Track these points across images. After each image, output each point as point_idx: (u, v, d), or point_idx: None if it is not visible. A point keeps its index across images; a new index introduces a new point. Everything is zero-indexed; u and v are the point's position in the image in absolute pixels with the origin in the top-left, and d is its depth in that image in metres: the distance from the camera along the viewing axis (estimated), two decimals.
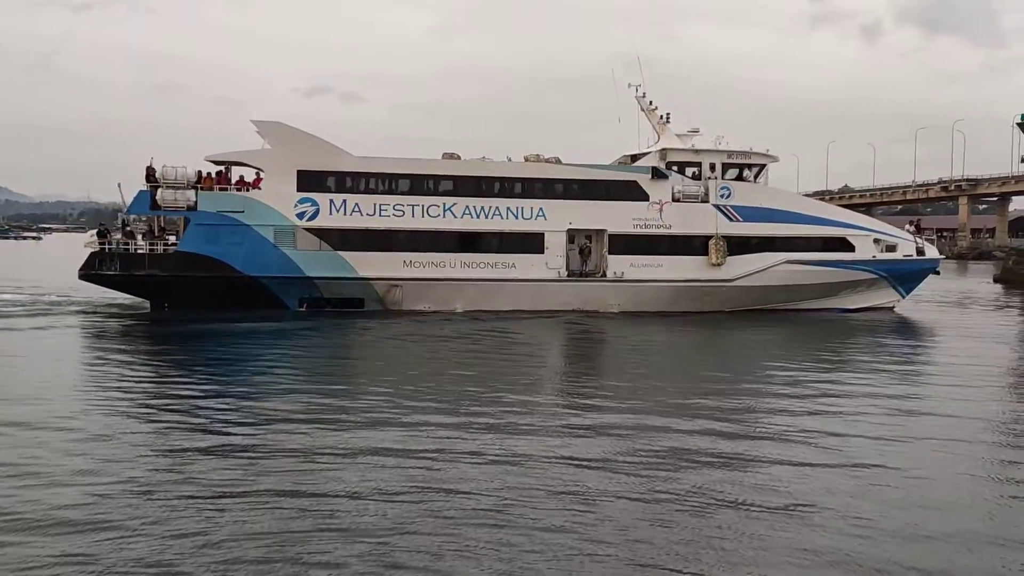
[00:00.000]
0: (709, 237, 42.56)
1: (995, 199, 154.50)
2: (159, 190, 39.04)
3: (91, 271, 39.09)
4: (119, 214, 43.64)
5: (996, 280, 73.31)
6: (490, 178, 41.82)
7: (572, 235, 42.38)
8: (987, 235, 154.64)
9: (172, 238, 40.28)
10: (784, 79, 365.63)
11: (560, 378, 25.78)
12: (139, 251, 39.32)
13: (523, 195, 41.83)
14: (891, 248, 45.03)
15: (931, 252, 47.05)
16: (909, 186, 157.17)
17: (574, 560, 10.88)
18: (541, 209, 41.76)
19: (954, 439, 17.05)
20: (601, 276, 42.34)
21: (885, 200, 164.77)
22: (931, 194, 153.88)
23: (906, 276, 45.84)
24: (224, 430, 17.04)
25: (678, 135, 44.55)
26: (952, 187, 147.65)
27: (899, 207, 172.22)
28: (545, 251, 41.76)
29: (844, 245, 44.10)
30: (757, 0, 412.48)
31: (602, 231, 42.24)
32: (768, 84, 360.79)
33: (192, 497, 12.77)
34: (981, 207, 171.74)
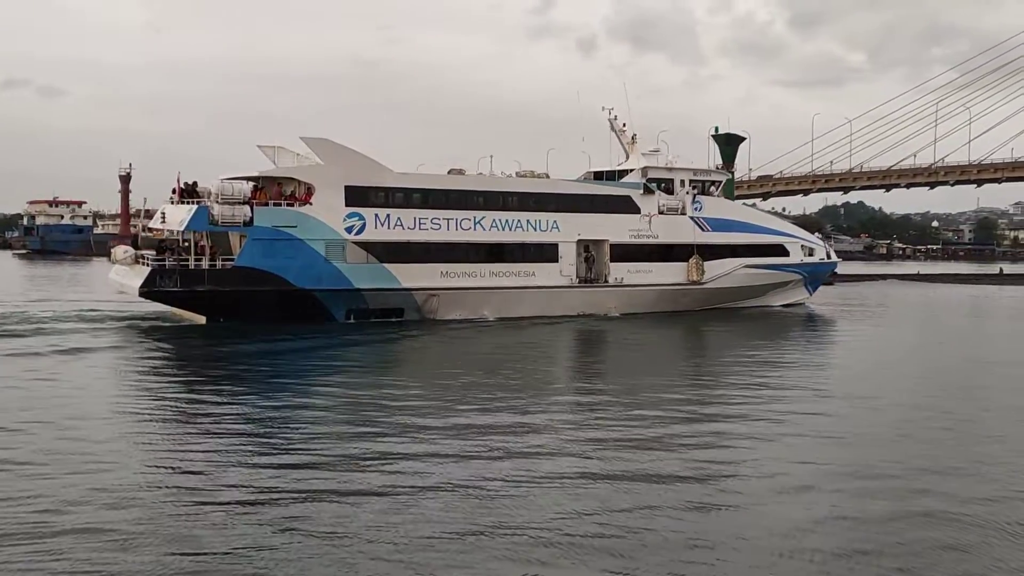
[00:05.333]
0: (688, 245, 48.33)
1: None
2: (215, 206, 38.17)
3: (152, 288, 37.33)
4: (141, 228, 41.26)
5: None
6: (513, 193, 44.74)
7: (578, 245, 46.30)
8: None
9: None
10: (507, 86, 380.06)
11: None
12: (199, 267, 38.12)
13: (540, 209, 45.14)
14: (811, 253, 53.41)
15: (834, 256, 56.19)
16: None
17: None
18: (555, 221, 45.29)
19: None
20: (603, 282, 46.63)
21: None
22: None
23: (817, 276, 54.65)
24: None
25: (644, 154, 49.84)
26: None
27: None
28: (559, 260, 45.38)
29: (782, 251, 51.77)
30: (479, 10, 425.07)
31: (604, 241, 46.55)
32: (492, 89, 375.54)
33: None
34: None
